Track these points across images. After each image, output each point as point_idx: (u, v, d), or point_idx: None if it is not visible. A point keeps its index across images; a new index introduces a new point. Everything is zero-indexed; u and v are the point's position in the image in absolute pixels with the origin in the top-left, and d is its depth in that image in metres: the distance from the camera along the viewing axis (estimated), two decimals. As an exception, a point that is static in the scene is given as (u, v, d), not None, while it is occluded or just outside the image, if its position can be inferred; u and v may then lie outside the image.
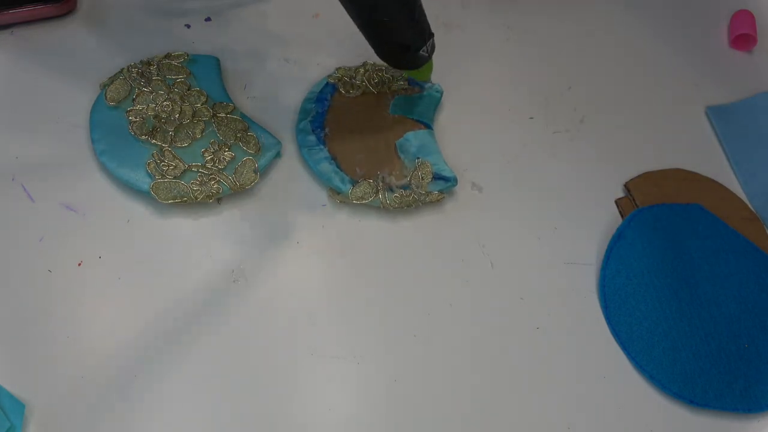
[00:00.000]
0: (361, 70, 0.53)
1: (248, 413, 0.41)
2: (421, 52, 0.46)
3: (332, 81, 0.52)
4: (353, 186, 0.47)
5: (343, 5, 0.42)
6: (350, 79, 0.52)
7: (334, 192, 0.48)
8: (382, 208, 0.48)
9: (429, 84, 0.53)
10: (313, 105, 0.51)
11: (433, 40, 0.47)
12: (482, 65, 0.57)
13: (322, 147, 0.49)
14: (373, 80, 0.52)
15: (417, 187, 0.48)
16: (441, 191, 0.48)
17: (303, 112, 0.51)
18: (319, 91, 0.52)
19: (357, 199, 0.47)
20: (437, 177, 0.48)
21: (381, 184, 0.47)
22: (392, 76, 0.53)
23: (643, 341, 0.46)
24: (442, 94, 0.53)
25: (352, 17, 0.43)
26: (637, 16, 0.63)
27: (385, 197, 0.47)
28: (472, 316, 0.46)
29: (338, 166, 0.48)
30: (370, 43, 0.45)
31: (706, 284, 0.48)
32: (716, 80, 0.60)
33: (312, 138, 0.49)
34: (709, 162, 0.55)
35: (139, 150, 0.46)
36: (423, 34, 0.45)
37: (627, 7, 0.64)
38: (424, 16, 0.45)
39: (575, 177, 0.53)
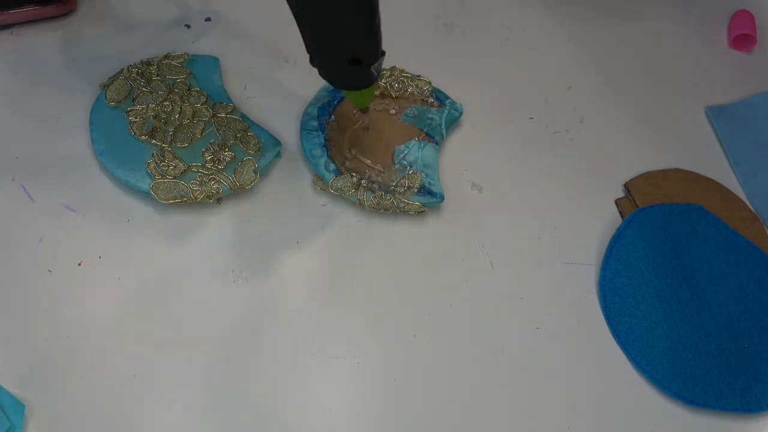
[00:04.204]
0: (387, 73, 0.53)
1: (248, 413, 0.41)
2: (372, 68, 0.39)
3: None
4: (335, 176, 0.47)
5: (289, 4, 0.36)
6: None
7: (318, 178, 0.48)
8: (359, 205, 0.48)
9: (450, 100, 0.53)
10: (327, 93, 0.51)
11: (383, 60, 0.40)
12: (482, 65, 0.57)
13: (319, 133, 0.49)
14: (394, 85, 0.52)
15: (399, 194, 0.48)
16: (424, 204, 0.48)
17: (315, 98, 0.51)
18: None
19: (336, 190, 0.47)
20: (425, 190, 0.48)
21: (364, 182, 0.48)
22: (417, 85, 0.53)
23: (643, 341, 0.46)
24: (461, 114, 0.53)
25: (298, 19, 0.37)
26: (636, 17, 0.63)
27: (363, 195, 0.47)
28: (472, 316, 0.46)
29: (329, 155, 0.48)
30: (312, 52, 0.39)
31: (706, 284, 0.48)
32: (716, 80, 0.60)
33: (314, 123, 0.50)
34: (709, 162, 0.55)
35: (139, 150, 0.46)
36: (378, 46, 0.39)
37: (627, 7, 0.64)
38: (380, 28, 0.38)
39: (575, 177, 0.53)
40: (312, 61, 0.41)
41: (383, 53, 0.40)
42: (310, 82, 0.53)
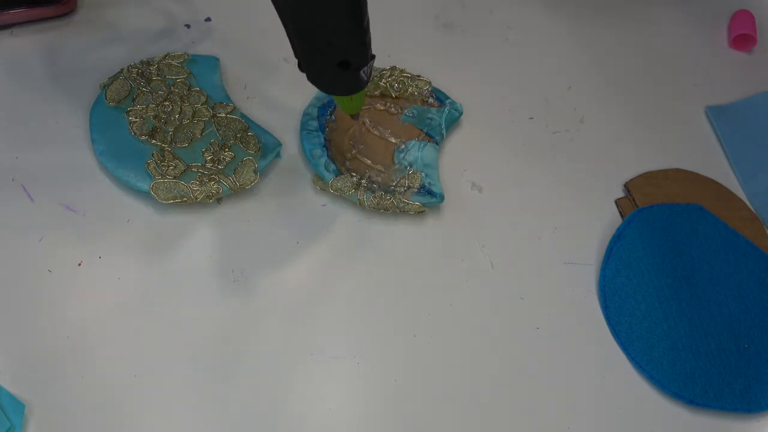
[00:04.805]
0: (387, 73, 0.53)
1: (248, 413, 0.41)
2: (362, 72, 0.38)
3: None
4: (335, 176, 0.47)
5: (276, 6, 0.35)
6: (374, 79, 0.52)
7: (318, 178, 0.48)
8: (359, 205, 0.48)
9: (450, 100, 0.53)
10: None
11: (373, 64, 0.39)
12: (482, 65, 0.58)
13: (319, 133, 0.49)
14: (394, 85, 0.52)
15: (399, 194, 0.48)
16: (424, 204, 0.48)
17: (315, 98, 0.51)
18: None
19: (336, 190, 0.47)
20: (425, 190, 0.48)
21: (364, 182, 0.48)
22: (417, 85, 0.53)
23: (643, 341, 0.46)
24: (461, 114, 0.53)
25: (284, 22, 0.36)
26: (636, 17, 0.63)
27: (363, 195, 0.47)
28: (472, 316, 0.46)
29: (329, 155, 0.48)
30: (300, 56, 0.38)
31: (706, 284, 0.48)
32: (716, 80, 0.60)
33: (314, 123, 0.50)
34: (709, 162, 0.55)
35: (139, 150, 0.46)
36: (367, 50, 0.38)
37: (627, 7, 0.64)
38: (369, 30, 0.37)
39: (575, 177, 0.53)
40: (300, 66, 0.40)
41: (373, 56, 0.39)
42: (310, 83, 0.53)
